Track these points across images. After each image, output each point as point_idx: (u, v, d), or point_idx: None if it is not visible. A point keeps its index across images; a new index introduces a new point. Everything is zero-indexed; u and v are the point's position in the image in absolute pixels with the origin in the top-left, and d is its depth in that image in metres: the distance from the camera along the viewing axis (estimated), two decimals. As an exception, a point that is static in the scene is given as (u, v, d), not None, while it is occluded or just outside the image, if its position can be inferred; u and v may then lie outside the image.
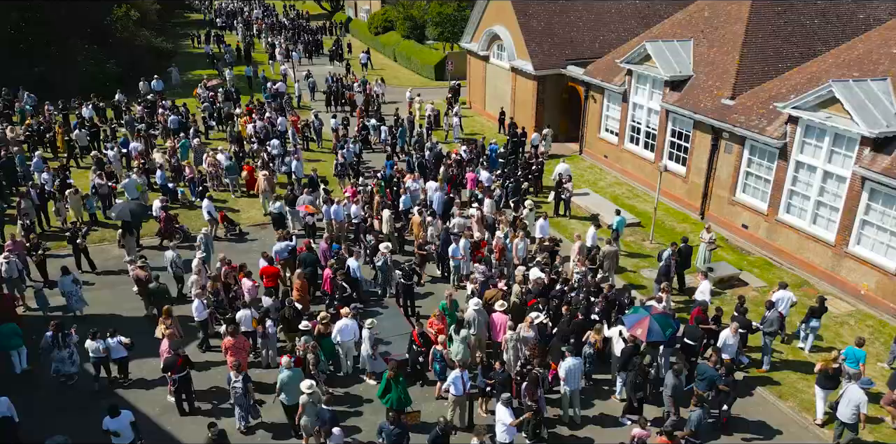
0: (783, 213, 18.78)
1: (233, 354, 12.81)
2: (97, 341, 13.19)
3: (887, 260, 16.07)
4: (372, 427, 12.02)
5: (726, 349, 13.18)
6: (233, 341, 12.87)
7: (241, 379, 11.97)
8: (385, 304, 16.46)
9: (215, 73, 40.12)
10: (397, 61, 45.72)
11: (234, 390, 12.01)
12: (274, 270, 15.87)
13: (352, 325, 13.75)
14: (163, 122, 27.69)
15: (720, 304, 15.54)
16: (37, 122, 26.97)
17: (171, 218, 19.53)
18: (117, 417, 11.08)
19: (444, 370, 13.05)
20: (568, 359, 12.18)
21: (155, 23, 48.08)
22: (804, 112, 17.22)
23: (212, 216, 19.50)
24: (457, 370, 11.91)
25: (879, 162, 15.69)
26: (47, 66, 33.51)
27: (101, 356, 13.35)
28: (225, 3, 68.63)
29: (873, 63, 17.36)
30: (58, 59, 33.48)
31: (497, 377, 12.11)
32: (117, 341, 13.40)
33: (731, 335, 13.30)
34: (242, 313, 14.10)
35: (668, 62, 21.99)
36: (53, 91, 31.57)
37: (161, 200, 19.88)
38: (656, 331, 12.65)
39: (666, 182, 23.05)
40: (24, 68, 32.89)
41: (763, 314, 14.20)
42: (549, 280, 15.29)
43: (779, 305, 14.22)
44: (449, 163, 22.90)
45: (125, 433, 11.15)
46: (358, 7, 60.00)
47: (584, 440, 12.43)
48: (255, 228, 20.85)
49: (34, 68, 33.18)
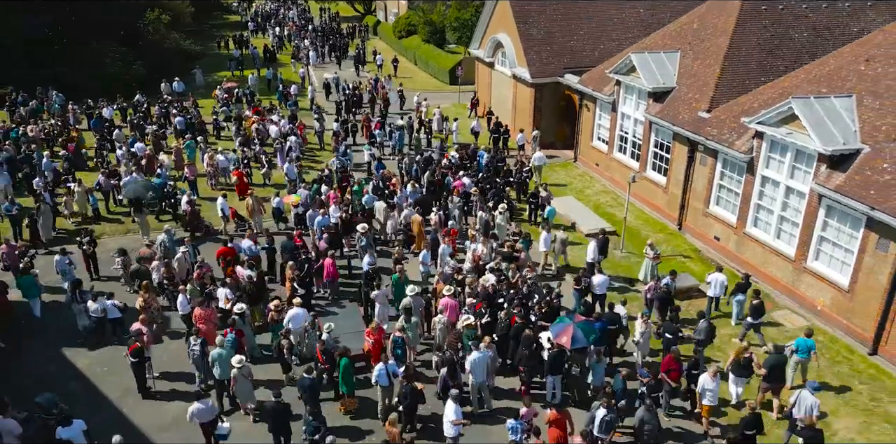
0: (751, 226, 18.91)
1: (201, 323, 14.66)
2: (97, 302, 15.42)
3: (842, 276, 16.14)
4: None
5: (705, 395, 12.76)
6: (202, 312, 14.77)
7: (199, 343, 13.77)
8: (343, 304, 17.34)
9: (238, 74, 41.73)
10: (417, 65, 46.63)
11: (193, 352, 13.88)
12: (230, 251, 17.84)
13: (302, 313, 14.88)
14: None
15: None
16: (56, 121, 28.73)
17: (196, 213, 21.13)
18: (70, 426, 11.59)
19: (404, 354, 14.30)
20: (473, 353, 13.02)
21: (188, 25, 50.10)
22: (768, 127, 17.38)
23: (224, 214, 20.87)
24: (380, 364, 12.72)
25: (834, 179, 15.78)
26: (76, 66, 35.45)
27: (100, 316, 15.52)
28: (262, 6, 70.65)
29: (841, 79, 17.39)
30: (86, 61, 35.40)
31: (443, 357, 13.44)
32: (112, 304, 15.60)
33: (710, 379, 12.74)
34: (221, 290, 15.94)
35: (652, 73, 22.24)
36: (80, 91, 33.44)
37: (188, 195, 21.54)
38: (580, 338, 13.28)
39: (648, 192, 23.39)
40: (53, 68, 34.88)
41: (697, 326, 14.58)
42: (499, 285, 15.90)
43: (713, 285, 16.35)
44: (437, 168, 23.65)
45: (78, 440, 11.68)
46: (387, 10, 61.18)
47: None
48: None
49: (63, 69, 35.17)
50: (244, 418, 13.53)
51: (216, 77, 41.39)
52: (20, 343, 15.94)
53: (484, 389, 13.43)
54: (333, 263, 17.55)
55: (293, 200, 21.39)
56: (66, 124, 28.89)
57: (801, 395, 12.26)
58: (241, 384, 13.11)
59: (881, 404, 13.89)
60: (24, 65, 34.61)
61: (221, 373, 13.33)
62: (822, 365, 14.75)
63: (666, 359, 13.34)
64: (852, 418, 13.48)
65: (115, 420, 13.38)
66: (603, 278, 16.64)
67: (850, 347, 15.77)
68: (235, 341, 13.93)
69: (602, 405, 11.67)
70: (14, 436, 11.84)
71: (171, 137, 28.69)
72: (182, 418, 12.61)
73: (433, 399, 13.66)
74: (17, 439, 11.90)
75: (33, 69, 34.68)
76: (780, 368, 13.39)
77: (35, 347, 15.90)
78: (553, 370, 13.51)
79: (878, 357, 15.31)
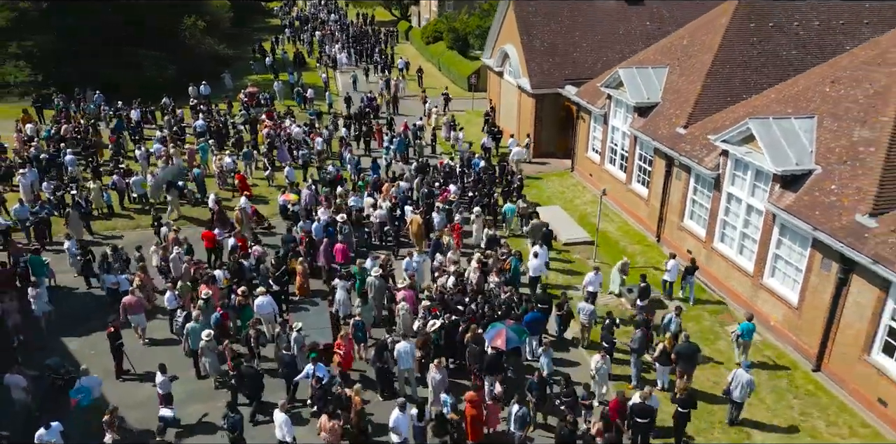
0: (717, 241, 19.35)
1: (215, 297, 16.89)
2: (111, 275, 17.89)
3: (792, 294, 16.52)
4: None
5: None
6: (206, 287, 16.90)
7: (184, 317, 16.09)
8: (316, 301, 18.57)
9: (270, 77, 43.56)
10: (441, 71, 47.77)
11: (176, 322, 16.37)
12: (211, 234, 20.12)
13: (268, 301, 16.58)
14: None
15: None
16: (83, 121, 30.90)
17: (223, 211, 22.83)
18: (49, 429, 12.68)
19: (365, 337, 16.15)
20: (402, 342, 14.52)
21: (226, 29, 52.41)
22: (731, 146, 17.83)
23: (245, 213, 22.41)
24: (309, 365, 13.91)
25: (785, 199, 16.19)
26: (117, 70, 37.82)
27: (113, 288, 17.66)
28: (301, 10, 72.84)
29: (807, 100, 17.71)
30: (124, 64, 37.74)
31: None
32: (125, 278, 17.86)
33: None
34: (219, 272, 17.95)
35: (638, 88, 22.78)
36: (117, 93, 35.71)
37: (215, 194, 23.45)
38: (513, 339, 14.32)
39: (633, 204, 23.95)
40: (96, 70, 37.29)
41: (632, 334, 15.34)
42: (456, 289, 16.89)
43: (672, 271, 18.50)
44: (432, 174, 24.74)
45: (57, 442, 12.75)
46: (420, 15, 62.50)
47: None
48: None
49: (106, 70, 37.58)
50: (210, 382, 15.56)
51: (246, 80, 43.32)
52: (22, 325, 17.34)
53: (410, 375, 14.80)
54: (345, 248, 19.35)
55: (292, 198, 23.03)
56: (95, 125, 30.98)
57: (736, 373, 13.82)
58: (208, 356, 14.98)
59: (809, 419, 14.31)
60: (67, 66, 37.14)
61: (192, 344, 15.56)
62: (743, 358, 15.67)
63: (612, 403, 13.30)
64: (775, 431, 13.96)
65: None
66: (539, 262, 18.56)
67: (796, 362, 16.15)
68: (218, 319, 15.84)
69: (515, 401, 12.55)
70: (21, 388, 14.07)
71: (190, 138, 30.49)
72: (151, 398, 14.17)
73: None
74: (23, 391, 14.09)
75: (76, 71, 37.13)
76: (690, 355, 14.67)
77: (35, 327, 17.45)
78: (491, 370, 14.40)
79: (820, 374, 15.67)
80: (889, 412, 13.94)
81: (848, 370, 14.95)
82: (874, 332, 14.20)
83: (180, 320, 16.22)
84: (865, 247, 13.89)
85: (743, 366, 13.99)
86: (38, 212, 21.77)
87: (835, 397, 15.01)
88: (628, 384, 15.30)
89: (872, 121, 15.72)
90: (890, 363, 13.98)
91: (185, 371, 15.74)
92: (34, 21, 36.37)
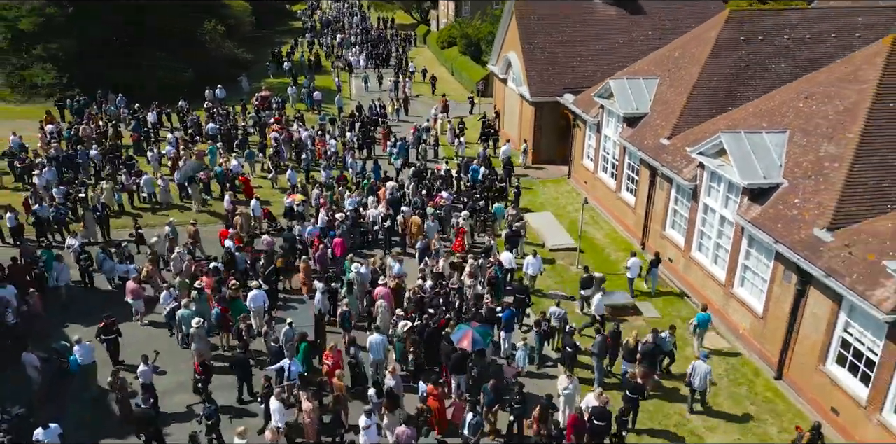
0: (695, 250, 19.84)
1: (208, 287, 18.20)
2: (122, 265, 19.39)
3: (758, 303, 16.99)
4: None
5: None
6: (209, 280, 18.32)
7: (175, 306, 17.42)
8: (303, 299, 19.53)
9: (288, 81, 44.76)
10: (453, 75, 48.59)
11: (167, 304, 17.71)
12: (226, 232, 21.59)
13: (260, 294, 17.70)
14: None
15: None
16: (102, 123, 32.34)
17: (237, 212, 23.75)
18: (48, 429, 13.22)
19: (351, 326, 17.09)
20: (374, 335, 15.55)
21: (248, 32, 53.85)
22: (706, 158, 18.34)
23: (248, 217, 23.53)
24: (286, 360, 14.79)
25: (752, 211, 16.67)
26: (138, 72, 39.31)
27: (125, 277, 18.78)
28: (324, 14, 74.20)
29: (781, 115, 18.13)
30: (144, 66, 39.20)
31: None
32: (133, 268, 19.09)
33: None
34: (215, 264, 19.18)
35: (627, 99, 23.32)
36: (137, 95, 37.14)
37: (230, 194, 24.58)
38: (479, 340, 15.10)
39: (621, 211, 24.50)
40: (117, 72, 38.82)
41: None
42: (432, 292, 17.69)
43: (633, 268, 19.41)
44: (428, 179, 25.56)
45: (54, 442, 13.38)
46: (439, 20, 63.36)
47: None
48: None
49: (128, 72, 39.07)
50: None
51: (262, 84, 44.62)
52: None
53: (381, 366, 15.67)
54: (343, 242, 20.63)
55: (297, 198, 24.00)
56: (116, 126, 32.41)
57: (695, 364, 14.80)
58: (198, 341, 16.05)
59: (762, 425, 14.82)
60: (89, 69, 38.71)
61: (185, 330, 16.76)
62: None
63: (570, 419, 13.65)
64: (727, 434, 14.50)
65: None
66: (510, 255, 20.20)
67: (759, 370, 16.63)
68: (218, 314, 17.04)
69: (469, 409, 13.28)
70: (34, 367, 15.42)
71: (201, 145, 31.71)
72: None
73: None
74: (35, 370, 15.49)
75: (98, 73, 38.68)
76: (653, 356, 15.47)
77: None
78: (456, 370, 15.17)
79: (781, 382, 16.14)
80: (840, 420, 14.40)
81: (806, 380, 15.41)
82: (829, 342, 14.66)
83: (167, 308, 17.41)
84: (820, 260, 14.35)
85: (700, 357, 15.03)
86: (55, 213, 23.13)
87: (792, 404, 15.47)
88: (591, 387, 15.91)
89: (839, 137, 16.13)
90: (843, 373, 14.43)
91: (177, 364, 16.74)
92: (60, 25, 37.96)
